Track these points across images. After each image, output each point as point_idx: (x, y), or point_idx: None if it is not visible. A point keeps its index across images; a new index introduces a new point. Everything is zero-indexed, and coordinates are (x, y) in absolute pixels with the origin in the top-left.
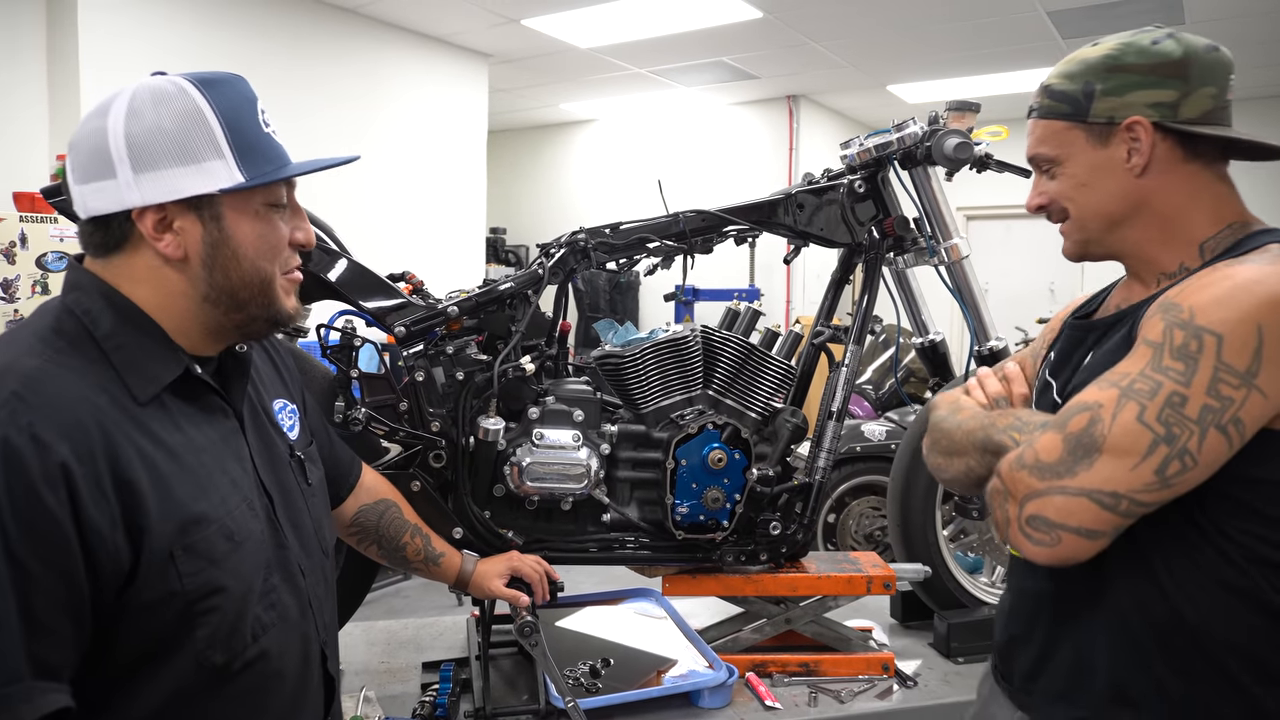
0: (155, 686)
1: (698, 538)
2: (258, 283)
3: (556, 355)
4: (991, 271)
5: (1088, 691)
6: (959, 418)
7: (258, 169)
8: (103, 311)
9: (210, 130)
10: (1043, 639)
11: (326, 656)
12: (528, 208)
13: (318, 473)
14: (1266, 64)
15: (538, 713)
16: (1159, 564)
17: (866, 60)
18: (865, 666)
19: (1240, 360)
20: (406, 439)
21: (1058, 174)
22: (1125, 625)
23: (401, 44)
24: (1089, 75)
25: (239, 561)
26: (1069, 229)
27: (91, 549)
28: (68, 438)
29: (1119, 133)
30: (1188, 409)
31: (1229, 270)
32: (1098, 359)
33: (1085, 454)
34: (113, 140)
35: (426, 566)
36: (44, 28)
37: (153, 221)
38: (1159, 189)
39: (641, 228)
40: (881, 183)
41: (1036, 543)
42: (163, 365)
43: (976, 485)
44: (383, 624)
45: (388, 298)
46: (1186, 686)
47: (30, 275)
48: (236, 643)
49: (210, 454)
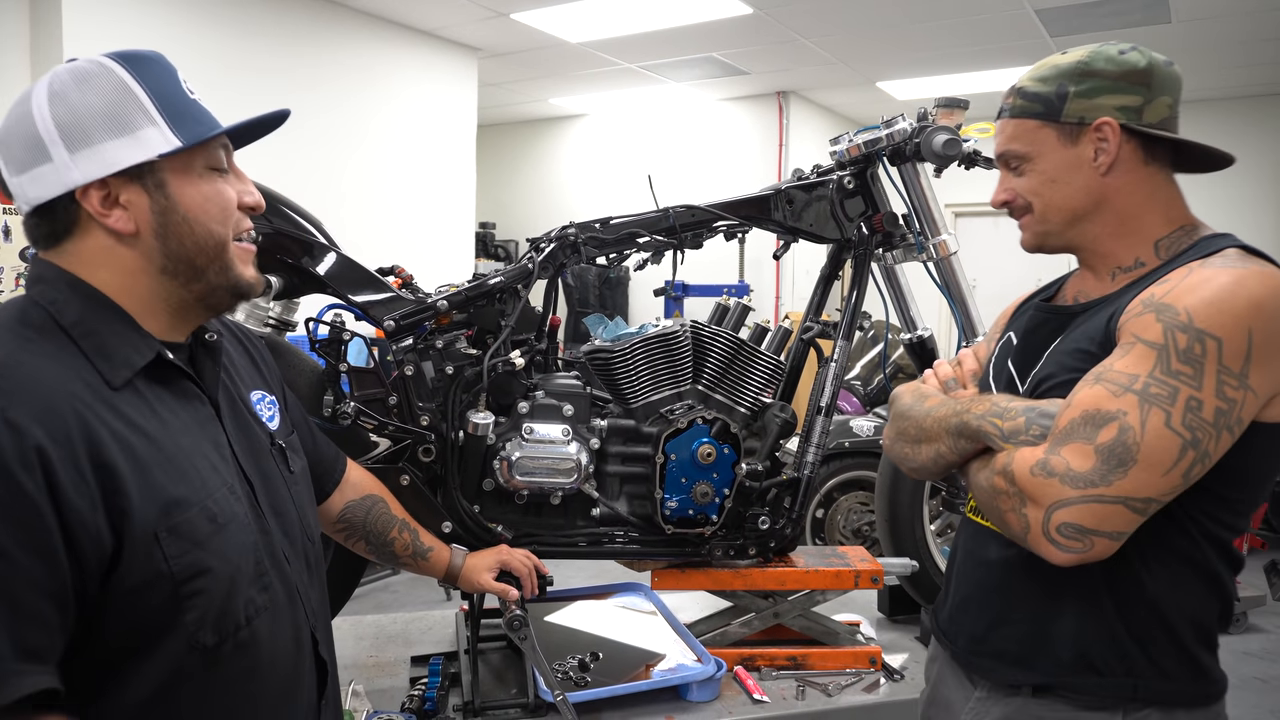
0: (148, 669)
1: (687, 532)
2: (212, 246)
3: (546, 350)
4: (979, 268)
5: (1048, 658)
6: (926, 405)
7: (192, 131)
8: (68, 300)
9: (138, 99)
10: (999, 605)
11: (318, 641)
12: (517, 202)
13: (300, 461)
14: (1249, 63)
15: (526, 706)
16: (1131, 546)
17: (856, 57)
18: (853, 660)
19: (1236, 363)
20: (396, 433)
21: (1026, 170)
22: (1095, 598)
23: (390, 38)
24: (1062, 79)
25: (223, 543)
26: (1030, 222)
27: (72, 532)
28: (42, 421)
29: (1088, 133)
30: (1204, 413)
31: (1208, 272)
32: (1065, 346)
33: (1120, 464)
34: (41, 125)
35: (415, 561)
36: (27, 25)
37: (98, 199)
38: (1120, 188)
39: (631, 223)
40: (871, 179)
41: (1066, 549)
42: (134, 349)
43: (944, 472)
44: (371, 618)
45: (377, 292)
46: (1142, 651)
47: (14, 268)
48: (227, 624)
49: (188, 438)
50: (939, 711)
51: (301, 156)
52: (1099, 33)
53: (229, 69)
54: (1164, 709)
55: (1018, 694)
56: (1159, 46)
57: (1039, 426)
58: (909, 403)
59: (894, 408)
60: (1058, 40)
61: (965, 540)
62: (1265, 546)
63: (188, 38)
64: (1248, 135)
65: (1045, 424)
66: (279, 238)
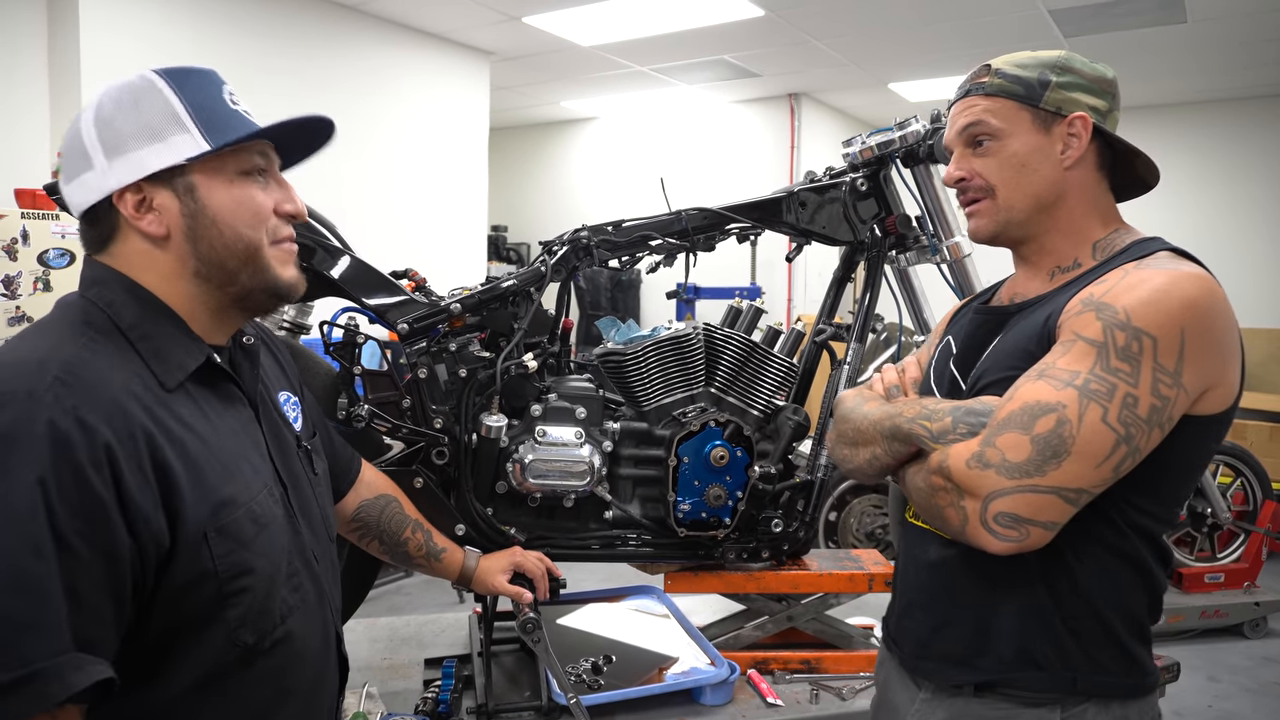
0: (189, 664)
1: (700, 535)
2: (243, 250)
3: (559, 352)
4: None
5: (991, 656)
6: (865, 409)
7: (223, 137)
8: (125, 303)
9: (172, 108)
10: (942, 607)
11: (339, 638)
12: (529, 206)
13: (323, 463)
14: (1266, 62)
15: (540, 709)
16: (1062, 536)
17: (868, 58)
18: (866, 664)
19: (1170, 361)
20: (409, 436)
21: (993, 151)
22: (1033, 592)
23: (403, 42)
24: (1044, 68)
25: (266, 544)
26: (989, 208)
27: (136, 530)
28: (110, 421)
29: (1061, 125)
30: (1139, 409)
31: (1144, 273)
32: (1004, 345)
33: (1054, 455)
34: (85, 135)
35: (428, 562)
36: (45, 24)
37: (132, 203)
38: (1076, 186)
39: (644, 225)
40: (883, 181)
41: (1003, 538)
42: (186, 353)
43: (880, 474)
44: (385, 621)
45: (390, 295)
46: (1077, 643)
47: (32, 272)
48: (265, 623)
49: (233, 440)
50: (887, 714)
51: (314, 160)
52: (1114, 33)
53: (240, 72)
54: (1100, 702)
55: (960, 694)
56: (1174, 47)
57: (965, 425)
58: (850, 405)
59: (837, 410)
60: (1071, 41)
61: (907, 545)
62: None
63: (202, 42)
64: (1264, 136)
65: (971, 422)
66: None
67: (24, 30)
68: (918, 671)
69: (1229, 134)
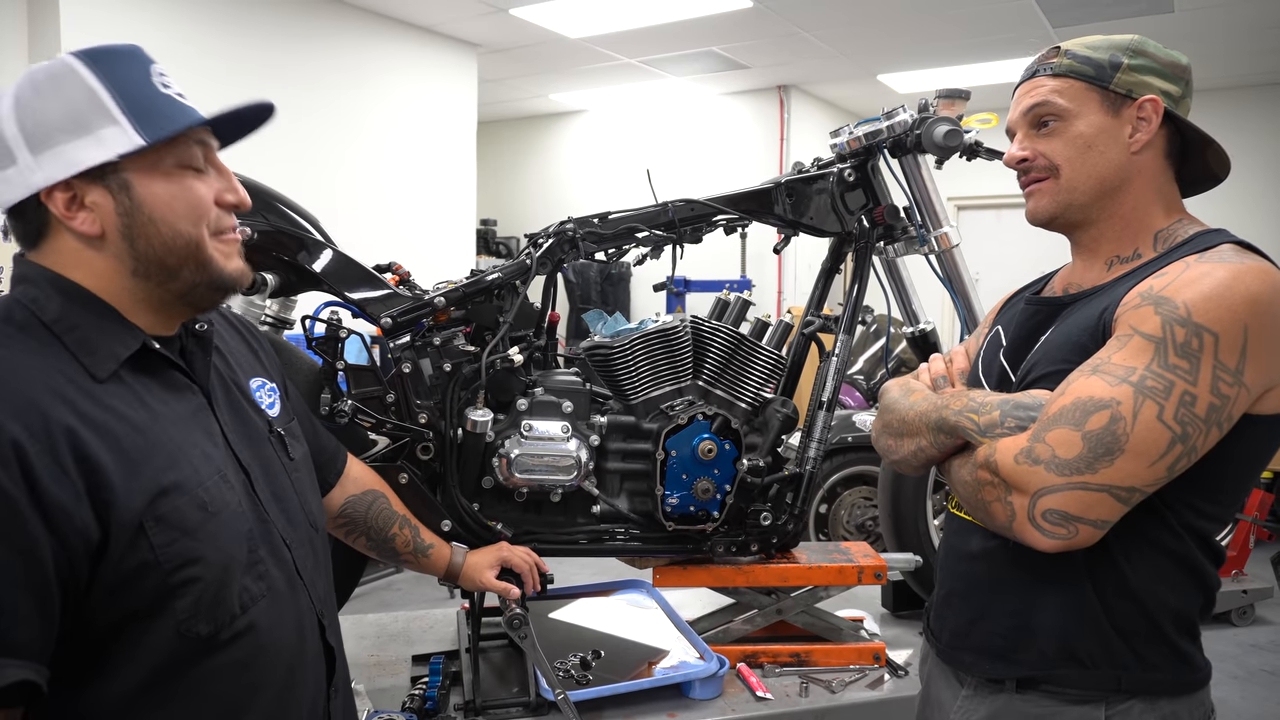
0: (137, 658)
1: (688, 529)
2: (183, 247)
3: (545, 346)
4: (982, 260)
5: (1032, 651)
6: (910, 400)
7: (156, 129)
8: (50, 297)
9: (98, 98)
10: (982, 599)
11: (324, 627)
12: (518, 199)
13: (301, 448)
14: (1253, 51)
15: (528, 705)
16: (1111, 535)
17: (857, 50)
18: (856, 656)
19: (1232, 359)
20: (394, 431)
21: (1059, 131)
22: (1078, 590)
23: (390, 34)
24: (1115, 50)
25: (215, 532)
26: (1053, 188)
27: (55, 525)
28: (19, 416)
29: (1131, 108)
30: (1198, 408)
31: (1206, 267)
32: (1056, 337)
33: (1107, 452)
34: (6, 128)
35: (416, 558)
36: (25, 22)
37: (63, 201)
38: (1143, 171)
39: (630, 217)
40: (871, 171)
41: (1051, 535)
42: (118, 341)
43: (925, 466)
44: (372, 617)
45: (374, 289)
46: (1125, 642)
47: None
48: (222, 613)
49: (178, 428)
50: (933, 711)
51: (300, 154)
52: (1102, 23)
53: (225, 65)
54: (1148, 699)
55: (1002, 690)
56: (1162, 37)
57: (1014, 419)
58: (895, 396)
59: (882, 400)
60: (1060, 31)
61: (949, 535)
62: (1272, 538)
63: (184, 34)
64: (1253, 125)
65: (1020, 416)
66: (275, 235)
67: (5, 27)
68: (955, 663)
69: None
